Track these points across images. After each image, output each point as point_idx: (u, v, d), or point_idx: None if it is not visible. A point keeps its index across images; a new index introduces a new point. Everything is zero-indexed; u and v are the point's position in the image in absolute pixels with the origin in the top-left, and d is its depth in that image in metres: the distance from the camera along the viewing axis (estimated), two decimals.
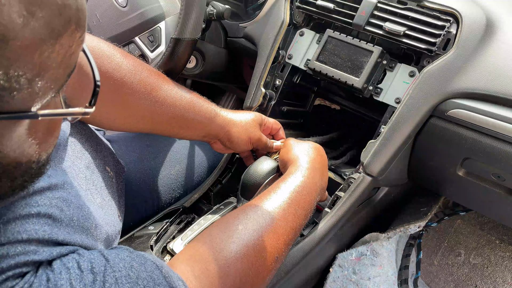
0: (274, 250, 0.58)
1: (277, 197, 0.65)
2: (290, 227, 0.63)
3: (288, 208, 0.64)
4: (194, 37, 0.91)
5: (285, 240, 0.61)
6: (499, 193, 0.90)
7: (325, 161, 0.81)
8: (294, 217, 0.64)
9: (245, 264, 0.54)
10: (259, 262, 0.56)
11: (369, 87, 0.92)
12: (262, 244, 0.57)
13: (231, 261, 0.53)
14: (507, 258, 1.29)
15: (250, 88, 1.04)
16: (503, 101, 0.77)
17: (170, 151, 1.06)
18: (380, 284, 1.09)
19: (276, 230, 0.60)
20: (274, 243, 0.59)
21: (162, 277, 0.47)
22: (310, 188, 0.70)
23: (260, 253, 0.56)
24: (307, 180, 0.71)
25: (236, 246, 0.55)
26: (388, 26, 0.87)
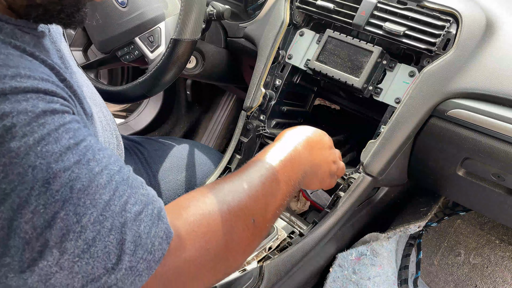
0: (250, 212, 0.57)
1: (259, 165, 0.63)
2: (270, 193, 0.61)
3: (269, 175, 0.62)
4: (194, 38, 0.92)
5: (264, 206, 0.60)
6: (499, 193, 0.90)
7: (323, 142, 0.75)
8: (274, 184, 0.62)
9: (216, 217, 0.54)
10: (232, 220, 0.55)
11: (369, 87, 0.92)
12: (236, 203, 0.56)
13: (202, 212, 0.53)
14: (507, 258, 1.29)
15: (250, 88, 1.04)
16: (503, 101, 0.77)
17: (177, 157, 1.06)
18: (380, 284, 1.09)
19: (254, 195, 0.59)
20: (251, 205, 0.58)
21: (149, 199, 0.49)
22: (294, 159, 0.66)
23: (233, 211, 0.55)
24: (292, 151, 0.67)
25: (209, 201, 0.55)
26: (388, 26, 0.87)
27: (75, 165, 0.42)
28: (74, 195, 0.41)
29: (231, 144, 1.04)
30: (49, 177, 0.40)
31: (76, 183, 0.42)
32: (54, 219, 0.40)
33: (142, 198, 0.48)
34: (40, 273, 0.41)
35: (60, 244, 0.41)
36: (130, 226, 0.45)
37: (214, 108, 1.85)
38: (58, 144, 0.42)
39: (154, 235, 0.47)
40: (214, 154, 1.13)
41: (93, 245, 0.42)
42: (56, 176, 0.41)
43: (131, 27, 0.99)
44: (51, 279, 0.41)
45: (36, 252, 0.40)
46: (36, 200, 0.40)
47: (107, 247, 0.43)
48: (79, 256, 0.42)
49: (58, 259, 0.41)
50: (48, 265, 0.41)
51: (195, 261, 0.51)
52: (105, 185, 0.44)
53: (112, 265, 0.43)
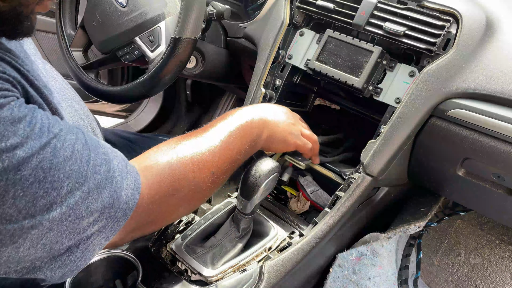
0: (210, 165, 0.68)
1: (216, 126, 0.73)
2: (228, 148, 0.71)
3: (227, 133, 0.72)
4: (194, 36, 0.92)
5: (222, 159, 0.69)
6: (499, 193, 0.90)
7: (280, 109, 0.85)
8: (231, 140, 0.72)
9: (181, 168, 0.64)
10: (195, 171, 0.65)
11: (369, 87, 0.92)
12: (198, 157, 0.66)
13: (169, 164, 0.63)
14: (507, 258, 1.29)
15: (250, 88, 1.04)
16: (503, 101, 0.77)
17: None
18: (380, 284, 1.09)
19: (213, 149, 0.69)
20: (211, 158, 0.68)
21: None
22: (250, 121, 0.76)
23: (195, 164, 0.65)
24: (248, 115, 0.77)
25: (174, 153, 0.65)
26: (388, 26, 0.87)
27: (39, 149, 0.46)
28: (47, 173, 0.46)
29: None
30: (18, 165, 0.44)
31: (44, 163, 0.46)
32: (35, 199, 0.45)
33: (104, 157, 0.54)
34: (32, 239, 0.47)
35: (47, 214, 0.47)
36: (103, 185, 0.52)
37: (214, 108, 1.85)
38: (16, 134, 0.45)
39: (126, 187, 0.55)
40: None
41: (76, 208, 0.49)
42: (25, 162, 0.44)
43: (131, 27, 0.99)
44: (42, 239, 0.48)
45: (25, 228, 0.46)
46: (13, 187, 0.44)
47: (89, 207, 0.50)
48: (65, 219, 0.48)
49: (47, 225, 0.47)
50: (38, 232, 0.47)
51: (163, 204, 0.62)
52: (70, 156, 0.49)
53: (94, 218, 0.51)
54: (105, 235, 0.54)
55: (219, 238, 0.82)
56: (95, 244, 0.54)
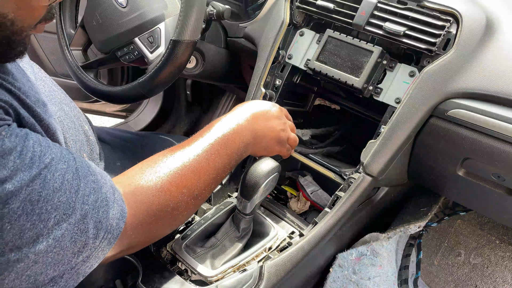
0: (194, 188, 0.66)
1: (202, 139, 0.71)
2: (212, 167, 0.69)
3: (211, 149, 0.70)
4: (193, 39, 0.91)
5: (206, 179, 0.68)
6: (499, 193, 0.90)
7: (269, 113, 0.82)
8: (216, 158, 0.70)
9: (165, 195, 0.63)
10: (179, 197, 0.64)
11: (369, 87, 0.92)
12: (182, 181, 0.65)
13: (153, 191, 0.62)
14: (507, 258, 1.29)
15: (250, 88, 1.04)
16: (503, 101, 0.77)
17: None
18: (380, 284, 1.09)
19: (197, 170, 0.67)
20: (195, 181, 0.67)
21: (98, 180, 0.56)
22: (235, 132, 0.74)
23: (179, 189, 0.64)
24: (234, 125, 0.75)
25: (159, 180, 0.63)
26: (388, 26, 0.87)
27: (29, 181, 0.46)
28: (35, 206, 0.46)
29: None
30: (6, 198, 0.43)
31: (33, 196, 0.46)
32: (22, 231, 0.45)
33: (93, 186, 0.54)
34: (17, 271, 0.46)
35: (33, 247, 0.46)
36: (90, 216, 0.52)
37: (214, 108, 1.85)
38: (6, 167, 0.44)
39: (111, 217, 0.55)
40: None
41: (61, 240, 0.49)
42: (13, 195, 0.44)
43: (131, 27, 0.99)
44: (27, 271, 0.47)
45: (11, 261, 0.45)
46: (0, 220, 0.43)
47: (73, 237, 0.50)
48: (51, 251, 0.48)
49: (32, 258, 0.47)
50: (23, 265, 0.47)
51: (147, 230, 0.62)
52: (60, 187, 0.49)
53: (78, 249, 0.51)
54: (89, 264, 0.54)
55: (219, 238, 0.82)
56: (79, 273, 0.54)
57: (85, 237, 0.51)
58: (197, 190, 0.67)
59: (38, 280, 0.49)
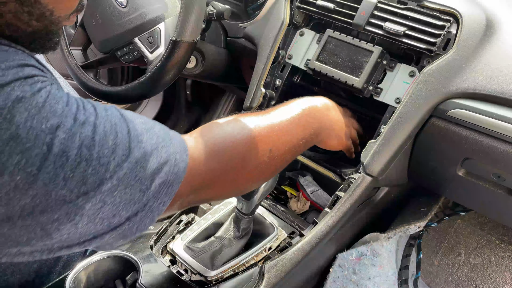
0: (268, 141, 0.66)
1: (280, 113, 0.72)
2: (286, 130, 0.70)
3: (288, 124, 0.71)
4: (193, 39, 0.91)
5: (280, 138, 0.68)
6: (499, 194, 0.90)
7: (341, 110, 0.86)
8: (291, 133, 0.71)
9: (237, 139, 0.63)
10: (252, 145, 0.64)
11: (369, 87, 0.92)
12: (256, 132, 0.65)
13: (225, 133, 0.63)
14: (507, 258, 1.29)
15: (250, 88, 1.04)
16: (503, 101, 0.77)
17: None
18: (380, 284, 1.09)
19: (272, 127, 0.67)
20: (268, 135, 0.66)
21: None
22: (312, 112, 0.76)
23: (253, 138, 0.64)
24: (312, 108, 0.77)
25: (232, 126, 0.65)
26: (388, 26, 0.87)
27: (80, 127, 0.47)
28: (92, 151, 0.47)
29: None
30: (63, 147, 0.45)
31: (87, 142, 0.47)
32: (84, 177, 0.46)
33: (144, 126, 0.55)
34: (89, 215, 0.48)
35: (99, 190, 0.47)
36: (150, 153, 0.52)
37: (214, 108, 1.85)
38: (55, 115, 0.46)
39: (173, 151, 0.55)
40: None
41: (125, 179, 0.49)
42: (68, 143, 0.45)
43: (131, 27, 0.99)
44: (99, 214, 0.49)
45: (80, 205, 0.47)
46: (62, 170, 0.45)
47: (137, 175, 0.50)
48: (117, 191, 0.49)
49: (100, 200, 0.48)
50: (92, 208, 0.48)
51: (216, 169, 0.60)
52: (110, 130, 0.50)
53: (146, 186, 0.52)
54: (160, 201, 0.54)
55: (219, 238, 0.82)
56: (153, 211, 0.54)
57: (150, 173, 0.52)
58: (271, 145, 0.66)
59: (113, 222, 0.51)
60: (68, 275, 0.69)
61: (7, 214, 0.44)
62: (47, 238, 0.48)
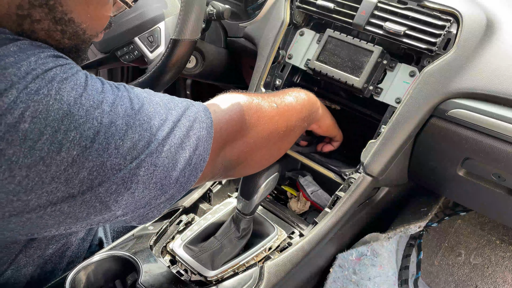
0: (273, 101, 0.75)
1: (281, 93, 0.81)
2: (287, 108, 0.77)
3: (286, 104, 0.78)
4: (193, 38, 0.91)
5: (282, 115, 0.75)
6: (499, 194, 0.90)
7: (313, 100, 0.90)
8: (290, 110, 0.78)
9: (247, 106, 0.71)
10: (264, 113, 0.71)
11: (369, 87, 0.91)
12: (262, 105, 0.72)
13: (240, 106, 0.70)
14: (508, 258, 1.29)
15: (250, 88, 1.04)
16: (504, 101, 0.77)
17: None
18: (380, 284, 1.09)
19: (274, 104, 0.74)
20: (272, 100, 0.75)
21: None
22: (310, 98, 0.85)
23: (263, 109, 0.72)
24: (306, 97, 0.84)
25: (246, 101, 0.72)
26: (389, 26, 0.87)
27: (120, 100, 0.51)
28: (135, 118, 0.51)
29: None
30: (110, 118, 0.49)
31: (128, 111, 0.51)
32: (134, 143, 0.50)
33: (167, 98, 0.59)
34: (144, 181, 0.52)
35: (148, 152, 0.51)
36: (181, 115, 0.57)
37: None
38: (97, 92, 0.49)
39: (197, 111, 0.60)
40: None
41: (169, 139, 0.54)
42: (113, 114, 0.49)
43: (131, 27, 0.99)
44: (152, 179, 0.52)
45: (133, 170, 0.50)
46: (113, 139, 0.48)
47: (177, 135, 0.55)
48: (164, 151, 0.53)
49: (151, 162, 0.52)
50: (146, 172, 0.52)
51: (236, 127, 0.67)
52: (143, 101, 0.54)
53: (189, 144, 0.56)
54: (201, 157, 0.59)
55: (219, 238, 0.82)
56: (197, 168, 0.58)
57: (185, 130, 0.56)
58: (275, 102, 0.75)
59: (165, 184, 0.54)
60: (68, 275, 0.69)
61: (67, 191, 0.46)
62: (106, 211, 0.51)
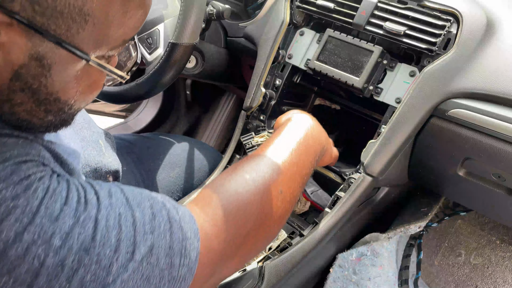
0: (277, 184, 0.60)
1: (281, 144, 0.66)
2: (295, 172, 0.64)
3: (293, 155, 0.65)
4: (192, 42, 0.91)
5: (288, 175, 0.62)
6: (499, 194, 0.90)
7: (318, 124, 0.79)
8: (299, 164, 0.65)
9: (246, 194, 0.56)
10: (262, 194, 0.58)
11: (369, 87, 0.91)
12: (262, 179, 0.59)
13: (232, 193, 0.56)
14: (508, 258, 1.29)
15: (250, 88, 1.04)
16: (504, 101, 0.77)
17: (170, 154, 1.06)
18: (380, 284, 1.09)
19: (277, 166, 0.61)
20: (276, 177, 0.60)
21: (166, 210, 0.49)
22: (313, 137, 0.71)
23: (261, 186, 0.58)
24: (310, 129, 0.72)
25: (236, 181, 0.57)
26: (389, 26, 0.87)
27: (78, 226, 0.41)
28: (91, 254, 0.41)
29: (231, 144, 1.04)
30: (58, 257, 0.39)
31: (86, 243, 0.41)
32: (83, 285, 0.40)
33: (150, 211, 0.48)
34: None
35: None
36: (157, 246, 0.45)
37: (214, 108, 1.85)
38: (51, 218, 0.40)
39: (182, 238, 0.48)
40: (206, 149, 1.13)
41: (130, 281, 0.43)
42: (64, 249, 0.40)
43: None
44: None
45: None
46: (57, 282, 0.39)
47: (144, 274, 0.44)
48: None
49: None
50: None
51: (233, 240, 0.54)
52: (113, 224, 0.44)
53: (155, 285, 0.45)
54: None
55: None
56: None
57: (158, 269, 0.45)
58: (280, 186, 0.61)
59: None
60: None
61: None
62: None
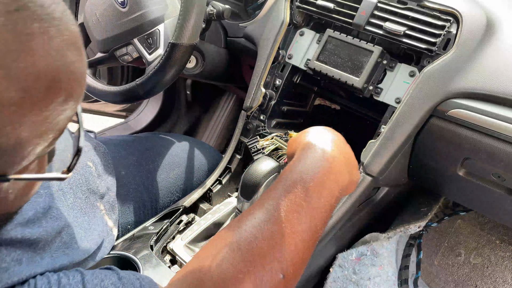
0: (278, 267, 0.47)
1: (280, 199, 0.50)
2: (299, 239, 0.48)
3: (295, 213, 0.49)
4: (192, 42, 0.91)
5: (291, 251, 0.48)
6: (499, 193, 0.90)
7: (346, 145, 0.63)
8: (305, 223, 0.50)
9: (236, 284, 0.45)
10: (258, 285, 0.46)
11: (369, 87, 0.91)
12: (258, 263, 0.46)
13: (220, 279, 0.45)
14: (507, 258, 1.29)
15: (250, 88, 1.04)
16: (504, 101, 0.77)
17: (169, 154, 1.06)
18: (380, 284, 1.09)
19: (278, 241, 0.47)
20: (277, 257, 0.47)
21: None
22: (335, 173, 0.54)
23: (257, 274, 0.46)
24: (330, 159, 0.55)
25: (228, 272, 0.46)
26: (388, 26, 0.87)
27: None
28: None
29: (231, 144, 1.04)
30: None
31: None
32: None
33: None
34: None
35: None
36: None
37: (214, 108, 1.85)
38: None
39: None
40: (206, 149, 1.13)
41: None
42: None
43: (130, 28, 0.98)
44: None
45: None
46: None
47: None
48: None
49: None
50: None
51: None
52: None
53: None
54: None
55: None
56: None
57: None
58: (282, 270, 0.47)
59: None
60: None
61: None
62: None
